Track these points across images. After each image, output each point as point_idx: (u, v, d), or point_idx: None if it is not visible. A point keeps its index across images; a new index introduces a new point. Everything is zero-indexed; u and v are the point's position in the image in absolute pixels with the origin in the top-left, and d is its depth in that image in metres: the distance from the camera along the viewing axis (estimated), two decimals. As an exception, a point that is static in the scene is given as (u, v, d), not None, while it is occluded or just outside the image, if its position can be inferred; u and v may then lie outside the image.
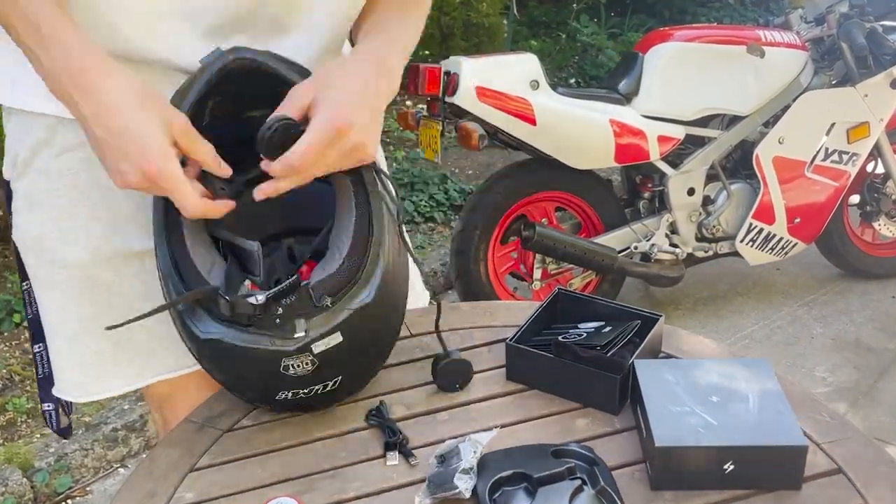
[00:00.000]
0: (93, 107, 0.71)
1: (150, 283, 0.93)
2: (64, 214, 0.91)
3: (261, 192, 0.77)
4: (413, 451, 0.82)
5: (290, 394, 0.81)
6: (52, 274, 0.94)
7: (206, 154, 0.75)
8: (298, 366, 0.78)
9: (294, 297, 0.75)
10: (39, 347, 1.03)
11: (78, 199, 0.91)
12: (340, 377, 0.82)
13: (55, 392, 1.02)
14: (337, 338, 0.78)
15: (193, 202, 0.73)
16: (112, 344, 0.96)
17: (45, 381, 1.04)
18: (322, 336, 0.77)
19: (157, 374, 1.00)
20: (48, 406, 1.05)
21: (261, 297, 0.74)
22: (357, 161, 0.78)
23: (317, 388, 0.82)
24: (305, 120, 0.76)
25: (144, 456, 2.15)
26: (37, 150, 0.90)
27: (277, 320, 0.75)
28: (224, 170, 0.77)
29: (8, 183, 0.95)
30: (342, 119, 0.74)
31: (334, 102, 0.75)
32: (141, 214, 0.92)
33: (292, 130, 0.74)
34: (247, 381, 0.82)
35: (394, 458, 0.81)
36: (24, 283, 1.00)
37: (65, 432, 1.07)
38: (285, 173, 0.75)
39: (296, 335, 0.76)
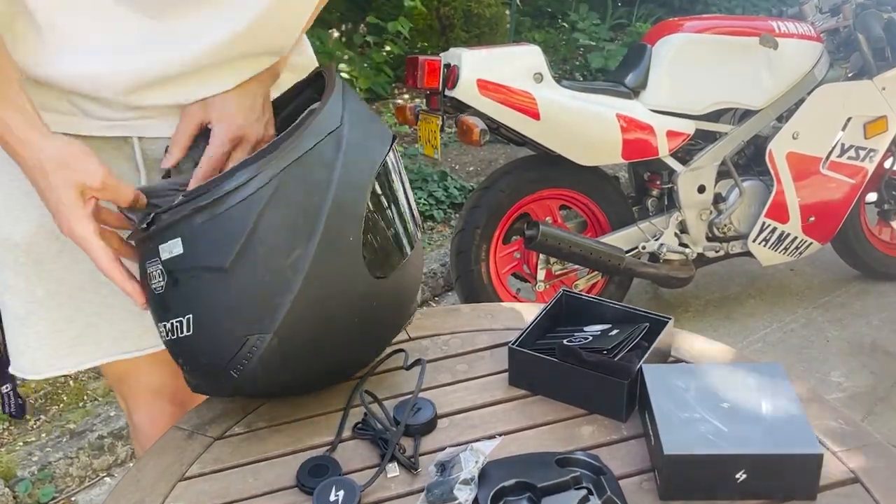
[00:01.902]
0: (27, 170, 0.82)
1: None
2: (4, 191, 0.94)
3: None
4: (411, 458, 0.82)
5: (166, 324, 0.83)
6: (2, 253, 0.97)
7: (126, 199, 0.85)
8: (154, 274, 0.81)
9: (168, 194, 0.83)
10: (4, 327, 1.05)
11: (17, 174, 0.91)
12: (191, 315, 0.80)
13: (11, 370, 1.05)
14: (177, 245, 0.79)
15: (103, 264, 0.82)
16: (65, 323, 0.99)
17: (2, 363, 1.06)
18: (163, 235, 0.79)
19: (110, 354, 1.02)
20: (6, 388, 1.08)
21: (138, 188, 0.85)
22: (264, 125, 0.94)
23: (173, 325, 0.82)
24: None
25: (132, 465, 2.15)
26: None
27: (148, 207, 0.83)
28: (141, 203, 0.86)
29: None
30: (233, 130, 0.91)
31: (222, 115, 0.92)
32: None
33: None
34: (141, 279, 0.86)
35: (394, 470, 0.81)
36: None
37: (19, 413, 1.10)
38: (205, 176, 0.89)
39: (140, 227, 0.81)
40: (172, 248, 0.79)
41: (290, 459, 0.84)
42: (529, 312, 1.03)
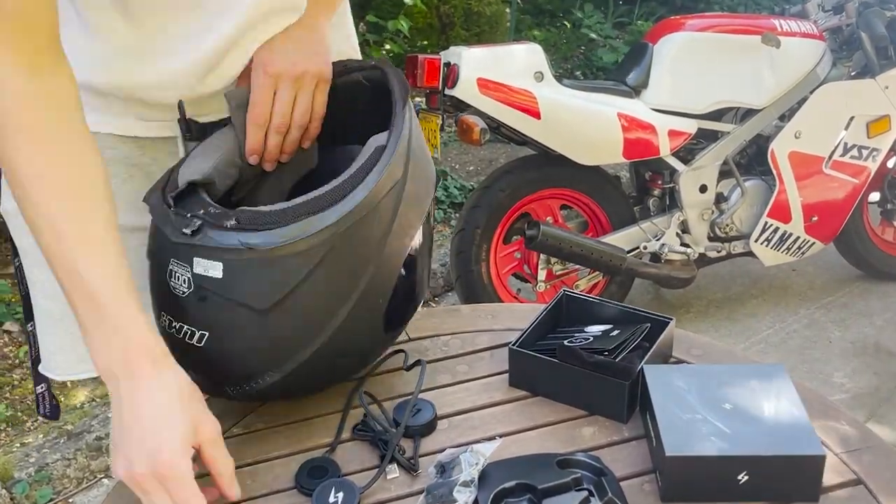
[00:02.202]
0: (131, 392, 0.72)
1: (140, 261, 0.95)
2: None
3: (258, 159, 0.91)
4: (410, 460, 0.82)
5: (166, 318, 0.80)
6: (38, 250, 0.95)
7: (224, 473, 0.75)
8: (178, 277, 0.77)
9: (220, 210, 0.78)
10: (32, 326, 1.05)
11: None
12: (207, 333, 0.78)
13: (42, 370, 1.05)
14: (216, 269, 0.75)
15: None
16: None
17: (38, 362, 1.06)
18: (203, 251, 0.75)
19: None
20: (41, 387, 1.07)
21: (184, 182, 0.81)
22: (309, 89, 0.90)
23: (182, 328, 0.78)
24: None
25: (129, 466, 2.15)
26: None
27: (189, 215, 0.77)
28: (234, 493, 0.76)
29: None
30: (268, 64, 0.88)
31: (262, 54, 0.89)
32: (131, 190, 0.95)
33: None
34: (150, 265, 0.83)
35: (394, 471, 0.81)
36: (16, 259, 1.02)
37: (55, 414, 1.09)
38: (256, 128, 0.88)
39: (183, 230, 0.76)
40: (209, 269, 0.75)
41: (289, 461, 0.84)
42: (530, 313, 1.03)
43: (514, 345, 0.93)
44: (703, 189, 2.69)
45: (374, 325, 0.84)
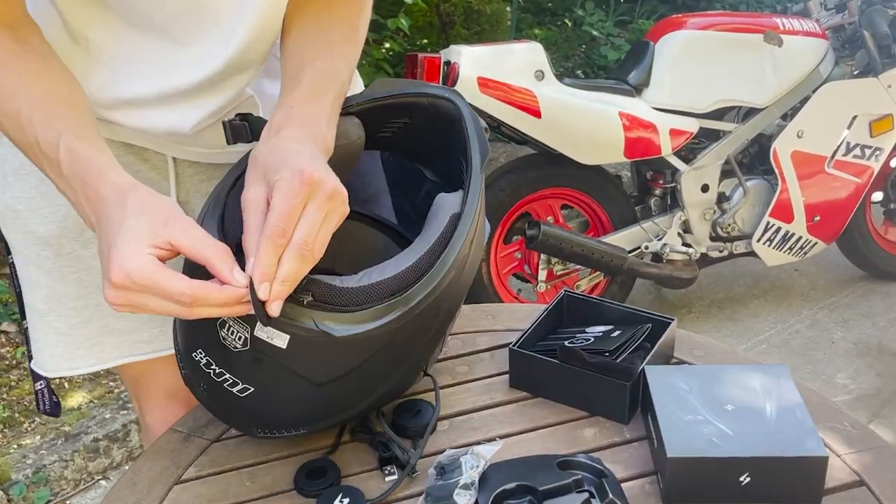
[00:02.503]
0: (94, 216, 0.71)
1: None
2: (32, 189, 0.93)
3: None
4: (410, 461, 0.82)
5: (204, 358, 0.76)
6: (27, 247, 0.97)
7: (212, 257, 0.67)
8: (233, 332, 0.72)
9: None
10: (27, 323, 1.05)
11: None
12: (252, 389, 0.76)
13: (33, 367, 1.05)
14: (282, 340, 0.71)
15: (179, 286, 0.65)
16: (84, 321, 0.99)
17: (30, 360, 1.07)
18: (271, 320, 0.70)
19: (127, 355, 1.02)
20: (40, 384, 1.07)
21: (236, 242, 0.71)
22: (340, 214, 0.71)
23: (223, 375, 0.76)
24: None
25: (127, 468, 2.14)
26: None
27: None
28: (236, 278, 0.67)
29: None
30: (307, 170, 0.68)
31: (291, 162, 0.70)
32: None
33: None
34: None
35: (392, 474, 0.81)
36: (10, 257, 1.03)
37: (55, 410, 1.10)
38: (272, 246, 0.67)
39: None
40: (273, 337, 0.71)
41: (288, 462, 0.84)
42: (531, 313, 1.03)
43: (514, 345, 0.93)
44: (705, 188, 2.69)
45: (413, 376, 0.86)
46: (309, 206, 0.68)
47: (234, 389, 0.76)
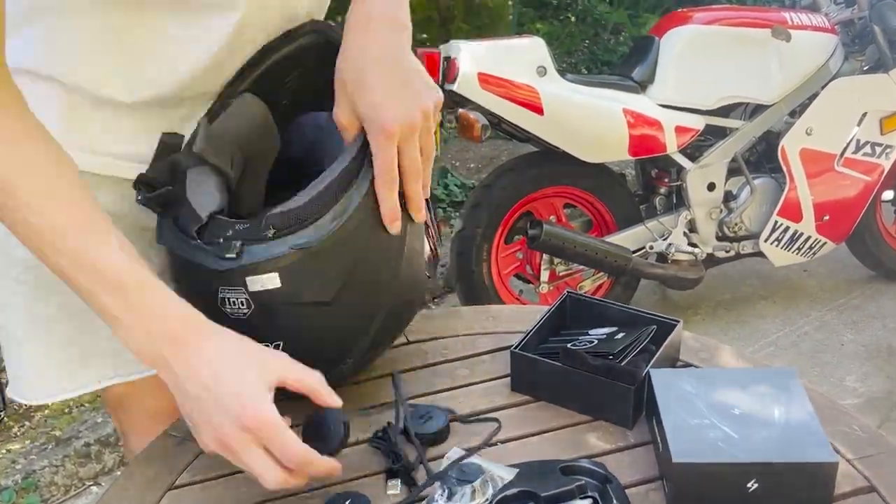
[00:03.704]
0: (186, 364, 0.73)
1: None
2: None
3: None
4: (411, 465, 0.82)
5: None
6: (6, 270, 0.95)
7: (317, 386, 0.76)
8: (234, 302, 0.78)
9: (247, 224, 0.78)
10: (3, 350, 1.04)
11: None
12: (281, 343, 0.80)
13: (9, 392, 1.04)
14: (273, 280, 0.77)
15: (299, 450, 0.72)
16: (65, 345, 0.98)
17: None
18: (255, 268, 0.77)
19: (111, 377, 1.01)
20: None
21: (205, 215, 0.80)
22: (427, 129, 0.83)
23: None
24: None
25: (119, 473, 2.14)
26: None
27: (221, 240, 0.78)
28: (335, 400, 0.76)
29: None
30: (387, 125, 0.79)
31: (373, 107, 0.80)
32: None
33: None
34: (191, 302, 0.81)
35: (395, 488, 0.81)
36: None
37: None
38: (389, 192, 0.80)
39: (227, 256, 0.77)
40: (266, 283, 0.77)
41: (284, 468, 0.84)
42: (532, 315, 1.03)
43: (516, 348, 0.93)
44: (712, 187, 2.69)
45: (421, 269, 0.90)
46: (403, 147, 0.80)
47: None
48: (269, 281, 0.77)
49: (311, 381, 0.75)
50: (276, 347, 0.80)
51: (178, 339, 0.73)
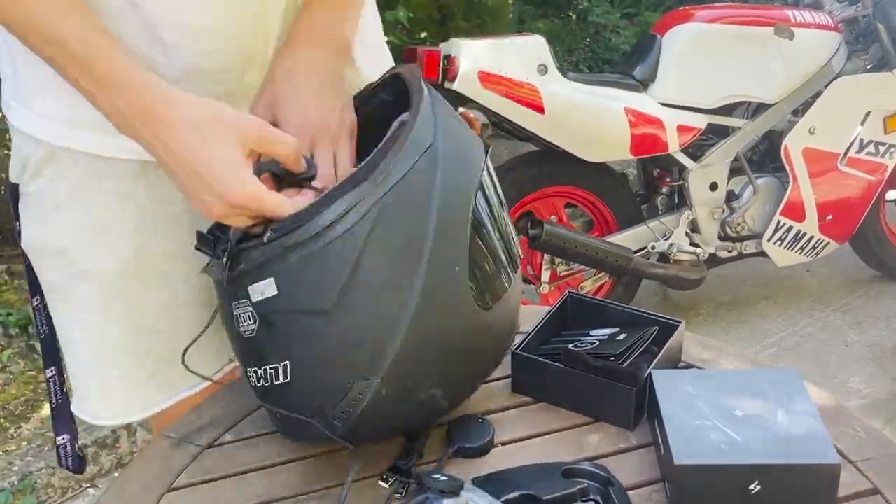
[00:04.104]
0: (161, 144, 0.74)
1: (177, 291, 0.95)
2: (81, 218, 0.90)
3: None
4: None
5: (251, 372, 0.79)
6: (73, 288, 0.93)
7: (288, 152, 0.77)
8: (244, 318, 0.76)
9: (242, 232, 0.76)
10: (52, 372, 1.01)
11: (101, 201, 0.90)
12: (288, 362, 0.76)
13: (79, 413, 1.01)
14: (270, 286, 0.73)
15: (284, 206, 0.74)
16: (138, 364, 0.97)
17: (60, 410, 1.01)
18: (251, 275, 0.73)
19: (180, 391, 0.99)
20: (62, 438, 1.02)
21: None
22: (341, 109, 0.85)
23: (267, 372, 0.77)
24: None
25: (117, 475, 2.14)
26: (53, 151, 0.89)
27: (227, 246, 0.75)
28: (299, 167, 0.79)
29: (16, 186, 0.93)
30: (310, 127, 0.82)
31: (293, 105, 0.83)
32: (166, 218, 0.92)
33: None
34: (224, 325, 0.81)
35: (387, 480, 0.81)
36: (35, 299, 0.99)
37: (79, 466, 1.04)
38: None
39: (224, 260, 0.75)
40: (264, 290, 0.74)
41: (282, 469, 0.84)
42: (533, 315, 1.03)
43: (517, 349, 0.93)
44: (714, 187, 2.69)
45: (461, 295, 0.78)
46: (317, 152, 0.82)
47: (280, 377, 0.77)
48: (267, 288, 0.73)
49: (285, 147, 0.76)
50: (283, 369, 0.76)
51: (145, 111, 0.73)
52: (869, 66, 2.79)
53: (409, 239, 0.74)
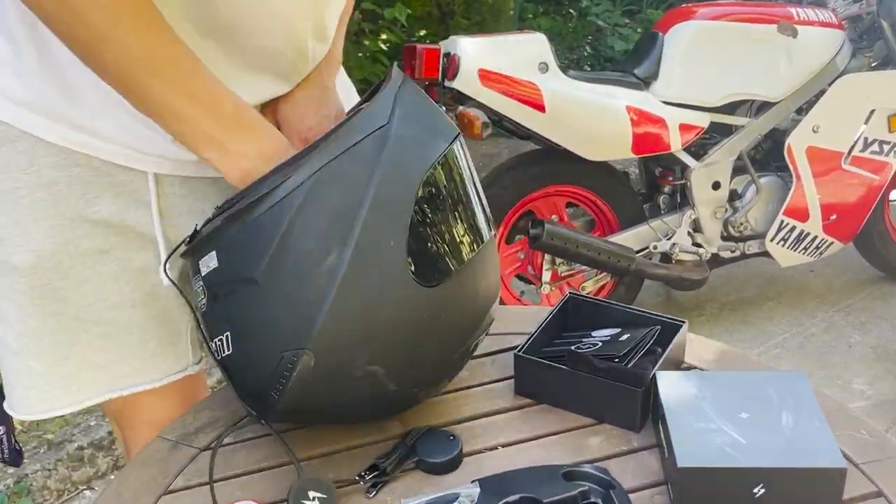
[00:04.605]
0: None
1: (103, 290, 0.94)
2: (9, 215, 0.90)
3: None
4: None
5: (210, 345, 0.83)
6: (1, 278, 0.93)
7: None
8: (199, 293, 0.81)
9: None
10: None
11: (22, 197, 0.90)
12: (229, 332, 0.78)
13: (6, 408, 1.02)
14: (212, 259, 0.78)
15: None
16: (61, 358, 0.96)
17: None
18: (201, 249, 0.78)
19: (110, 391, 0.99)
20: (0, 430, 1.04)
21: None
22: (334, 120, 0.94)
23: (218, 344, 0.80)
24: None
25: (113, 477, 2.14)
26: None
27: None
28: None
29: None
30: (304, 132, 0.93)
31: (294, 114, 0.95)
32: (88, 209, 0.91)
33: None
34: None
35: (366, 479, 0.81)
36: None
37: (15, 459, 1.06)
38: None
39: (184, 244, 0.80)
40: (209, 262, 0.78)
41: (278, 472, 0.84)
42: (534, 316, 1.02)
43: (520, 351, 0.93)
44: (717, 186, 2.69)
45: (394, 269, 0.78)
46: None
47: (225, 350, 0.80)
48: (211, 260, 0.78)
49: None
50: (226, 339, 0.79)
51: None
52: (873, 64, 2.79)
53: (342, 210, 0.76)
